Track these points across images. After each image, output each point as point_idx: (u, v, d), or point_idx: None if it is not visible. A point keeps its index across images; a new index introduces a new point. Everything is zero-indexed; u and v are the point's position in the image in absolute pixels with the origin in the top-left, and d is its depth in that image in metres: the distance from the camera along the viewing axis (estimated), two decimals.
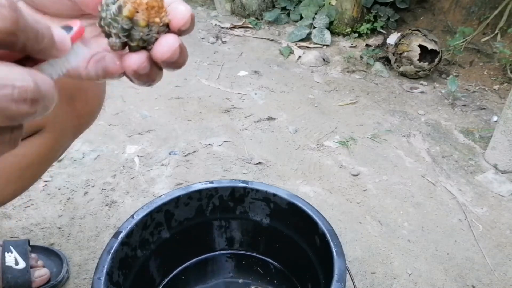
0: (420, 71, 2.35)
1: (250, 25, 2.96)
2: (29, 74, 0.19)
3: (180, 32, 0.27)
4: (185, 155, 1.73)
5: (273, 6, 3.10)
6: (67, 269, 1.19)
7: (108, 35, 0.27)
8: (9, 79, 0.18)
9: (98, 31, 0.28)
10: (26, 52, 0.20)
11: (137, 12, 0.25)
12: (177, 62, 0.27)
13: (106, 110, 1.96)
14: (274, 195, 1.04)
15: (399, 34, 2.57)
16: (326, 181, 1.64)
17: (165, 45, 0.26)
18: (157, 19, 0.26)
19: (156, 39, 0.27)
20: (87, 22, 0.28)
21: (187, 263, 1.14)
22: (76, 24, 0.25)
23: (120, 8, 0.25)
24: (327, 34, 2.74)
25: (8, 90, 0.18)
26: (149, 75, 0.28)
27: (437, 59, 2.32)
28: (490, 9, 2.59)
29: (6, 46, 0.19)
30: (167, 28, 0.27)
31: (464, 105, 2.20)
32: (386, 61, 2.54)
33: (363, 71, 2.49)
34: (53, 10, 0.27)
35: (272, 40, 2.81)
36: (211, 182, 1.07)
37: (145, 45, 0.27)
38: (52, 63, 0.24)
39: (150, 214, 0.98)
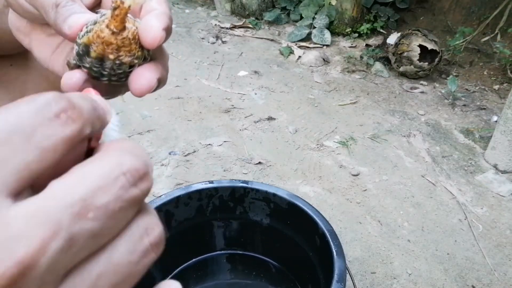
0: (420, 71, 2.35)
1: (250, 25, 2.96)
2: (123, 152, 0.16)
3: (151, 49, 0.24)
4: (185, 155, 1.73)
5: (273, 6, 3.10)
6: None
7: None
8: (113, 168, 0.15)
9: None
10: (94, 133, 0.18)
11: (102, 50, 0.23)
12: (154, 91, 0.25)
13: None
14: (274, 195, 1.04)
15: (399, 34, 2.57)
16: (326, 181, 1.64)
17: (141, 82, 0.23)
18: (126, 59, 0.23)
19: (131, 68, 0.24)
20: None
21: (187, 263, 1.14)
22: (91, 91, 0.23)
23: (86, 48, 0.23)
24: (327, 34, 2.74)
25: (120, 181, 0.15)
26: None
27: (437, 59, 2.32)
28: (490, 9, 2.59)
29: (82, 140, 0.16)
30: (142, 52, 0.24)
31: (464, 105, 2.20)
32: (386, 61, 2.54)
33: (363, 71, 2.49)
34: (36, 20, 0.27)
35: (272, 40, 2.81)
36: (211, 182, 1.07)
37: (118, 79, 0.24)
38: (108, 130, 0.21)
39: None
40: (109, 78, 0.24)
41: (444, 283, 1.27)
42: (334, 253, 0.87)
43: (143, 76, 0.23)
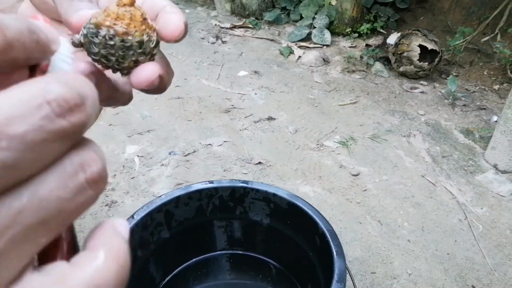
0: (420, 71, 2.35)
1: (250, 25, 2.96)
2: (53, 79, 0.15)
3: (171, 42, 0.24)
4: (185, 155, 1.73)
5: (273, 6, 3.10)
6: None
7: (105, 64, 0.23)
8: (36, 96, 0.14)
9: None
10: (32, 60, 0.16)
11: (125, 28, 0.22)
12: (156, 90, 0.25)
13: (106, 110, 1.96)
14: (274, 195, 1.04)
15: (399, 34, 2.57)
16: (326, 181, 1.64)
17: (142, 73, 0.23)
18: (136, 34, 0.22)
19: (140, 50, 0.23)
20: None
21: (187, 263, 1.14)
22: (38, 18, 0.23)
23: (95, 27, 0.21)
24: (327, 34, 2.74)
25: (44, 111, 0.14)
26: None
27: (437, 59, 2.32)
28: (490, 9, 2.59)
29: (11, 63, 0.15)
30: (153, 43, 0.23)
31: (464, 105, 2.20)
32: (386, 61, 2.54)
33: (363, 71, 2.49)
34: (49, 13, 0.27)
35: (272, 40, 2.81)
36: (211, 182, 1.07)
37: (124, 67, 0.23)
38: (54, 60, 0.20)
39: (150, 214, 0.98)
40: (117, 63, 0.23)
41: (444, 283, 1.27)
42: (334, 253, 0.87)
43: (145, 67, 0.23)
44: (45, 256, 0.16)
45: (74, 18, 0.23)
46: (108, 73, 0.24)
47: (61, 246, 0.17)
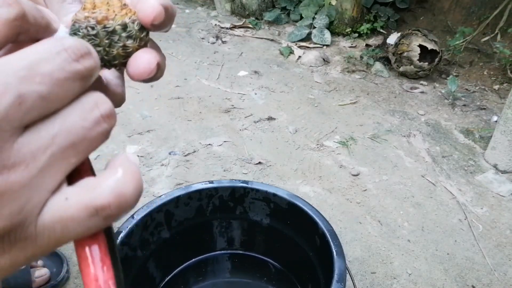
0: (420, 71, 2.35)
1: (250, 25, 2.96)
2: (65, 36, 0.19)
3: (153, 28, 0.23)
4: (185, 155, 1.73)
5: (273, 6, 3.10)
6: (67, 269, 1.19)
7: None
8: (55, 45, 0.17)
9: None
10: (39, 34, 0.19)
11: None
12: (153, 78, 0.24)
13: None
14: (274, 195, 1.04)
15: (399, 34, 2.57)
16: (326, 181, 1.64)
17: (139, 64, 0.23)
18: (117, 18, 0.22)
19: (125, 34, 0.22)
20: None
21: (187, 263, 1.14)
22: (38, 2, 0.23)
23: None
24: (327, 34, 2.74)
25: (63, 55, 0.17)
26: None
27: (437, 59, 2.32)
28: (490, 9, 2.59)
29: (21, 33, 0.18)
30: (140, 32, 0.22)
31: (464, 105, 2.20)
32: (386, 61, 2.54)
33: (363, 71, 2.49)
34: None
35: (272, 40, 2.81)
36: (211, 182, 1.07)
37: (113, 58, 0.23)
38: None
39: (150, 214, 0.98)
40: (106, 53, 0.22)
41: (444, 283, 1.27)
42: (334, 253, 0.87)
43: (142, 58, 0.23)
44: (71, 179, 0.19)
45: (64, 22, 0.23)
46: (101, 73, 0.24)
47: (82, 171, 0.20)
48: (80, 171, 0.20)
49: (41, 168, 0.17)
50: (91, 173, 0.21)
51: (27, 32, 0.18)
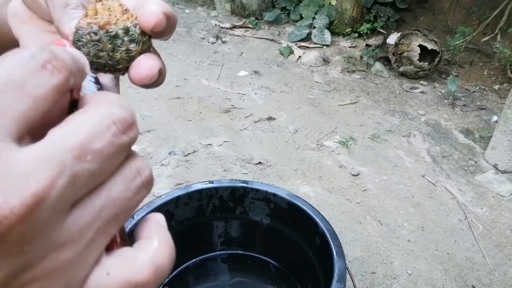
0: (420, 71, 2.35)
1: (250, 25, 2.96)
2: (110, 103, 0.19)
3: (154, 34, 0.23)
4: (185, 155, 1.73)
5: (273, 6, 3.10)
6: None
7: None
8: (104, 118, 0.17)
9: None
10: (77, 83, 0.19)
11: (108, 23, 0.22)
12: (154, 84, 0.25)
13: None
14: (274, 195, 1.04)
15: (399, 34, 2.57)
16: (326, 181, 1.64)
17: (141, 68, 0.23)
18: (119, 23, 0.22)
19: (128, 38, 0.22)
20: None
21: (187, 263, 1.14)
22: (65, 44, 0.23)
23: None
24: (327, 34, 2.74)
25: (112, 130, 0.17)
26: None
27: (437, 59, 2.32)
28: (490, 9, 2.59)
29: (68, 90, 0.18)
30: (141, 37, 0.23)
31: (464, 105, 2.20)
32: (386, 61, 2.54)
33: (363, 71, 2.49)
34: (41, 14, 0.27)
35: (272, 40, 2.81)
36: (211, 182, 1.07)
37: (116, 63, 0.23)
38: (86, 82, 0.21)
39: None
40: (109, 58, 0.23)
41: (444, 283, 1.27)
42: (334, 253, 0.87)
43: (145, 62, 0.23)
44: (108, 246, 0.19)
45: (67, 29, 0.23)
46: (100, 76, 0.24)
47: (117, 237, 0.20)
48: (115, 237, 0.20)
49: (87, 243, 0.17)
50: (124, 238, 0.21)
51: (70, 86, 0.19)
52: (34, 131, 0.17)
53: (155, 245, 0.19)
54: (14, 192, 0.15)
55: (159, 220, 0.21)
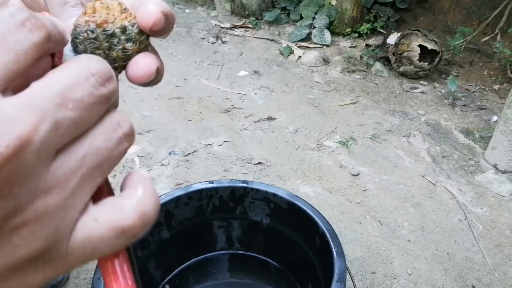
0: (420, 71, 2.35)
1: (250, 25, 2.96)
2: (90, 58, 0.19)
3: (152, 33, 0.24)
4: (185, 155, 1.73)
5: (273, 6, 3.10)
6: None
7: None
8: (83, 70, 0.18)
9: None
10: (56, 48, 0.20)
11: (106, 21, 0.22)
12: (151, 83, 0.25)
13: None
14: (274, 195, 1.04)
15: (399, 34, 2.57)
16: (326, 181, 1.64)
17: (139, 67, 0.23)
18: (117, 22, 0.22)
19: (125, 36, 0.22)
20: None
21: (187, 263, 1.14)
22: (46, 14, 0.23)
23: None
24: (327, 34, 2.74)
25: (91, 81, 0.18)
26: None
27: (437, 59, 2.32)
28: (490, 9, 2.59)
29: (47, 52, 0.19)
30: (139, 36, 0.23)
31: (464, 105, 2.20)
32: (386, 61, 2.54)
33: (363, 71, 2.49)
34: (40, 12, 0.27)
35: (272, 40, 2.81)
36: (211, 182, 1.07)
37: (114, 60, 0.23)
38: (66, 50, 0.22)
39: None
40: (105, 56, 0.23)
41: (444, 283, 1.27)
42: (334, 253, 0.87)
43: (142, 61, 0.24)
44: (94, 197, 0.20)
45: (65, 27, 0.23)
46: None
47: (103, 188, 0.21)
48: (101, 188, 0.21)
49: (73, 189, 0.18)
50: (110, 190, 0.22)
51: (50, 49, 0.19)
52: (17, 89, 0.17)
53: (140, 193, 0.20)
54: (0, 135, 0.15)
55: (142, 173, 0.22)
